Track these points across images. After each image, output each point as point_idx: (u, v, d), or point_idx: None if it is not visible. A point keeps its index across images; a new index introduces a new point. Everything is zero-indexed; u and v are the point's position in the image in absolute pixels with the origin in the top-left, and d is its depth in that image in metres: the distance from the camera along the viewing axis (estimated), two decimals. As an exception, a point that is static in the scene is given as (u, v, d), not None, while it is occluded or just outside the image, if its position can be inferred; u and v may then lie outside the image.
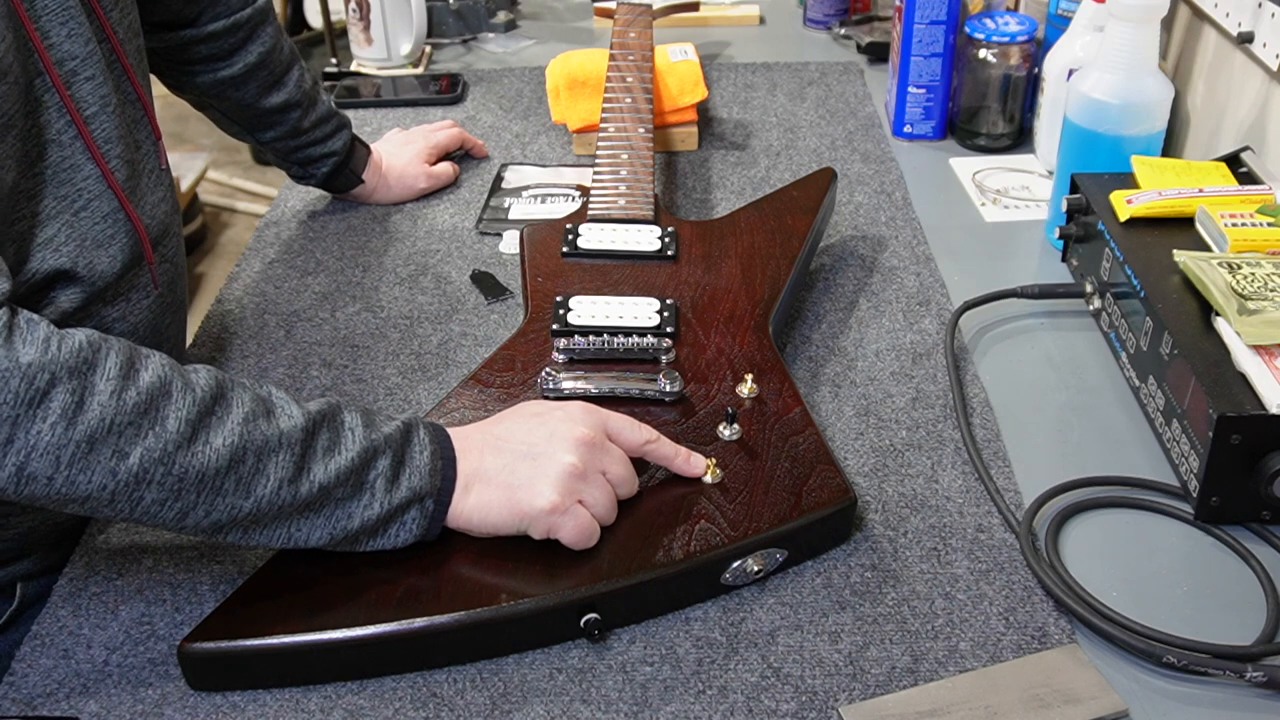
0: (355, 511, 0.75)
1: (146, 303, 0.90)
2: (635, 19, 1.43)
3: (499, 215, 1.26)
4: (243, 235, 3.10)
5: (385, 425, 0.77)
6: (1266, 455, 0.82)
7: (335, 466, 0.74)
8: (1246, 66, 1.14)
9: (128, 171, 0.86)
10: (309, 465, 0.73)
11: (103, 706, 0.74)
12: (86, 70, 0.83)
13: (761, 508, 0.81)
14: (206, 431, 0.70)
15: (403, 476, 0.76)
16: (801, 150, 1.38)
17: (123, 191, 0.85)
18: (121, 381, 0.69)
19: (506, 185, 1.32)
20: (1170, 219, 1.02)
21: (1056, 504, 0.87)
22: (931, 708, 0.72)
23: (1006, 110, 1.36)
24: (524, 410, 0.82)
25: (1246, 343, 0.85)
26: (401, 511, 0.76)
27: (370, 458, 0.75)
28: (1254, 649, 0.75)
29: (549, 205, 1.27)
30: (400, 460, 0.76)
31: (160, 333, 0.93)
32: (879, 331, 1.06)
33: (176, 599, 0.81)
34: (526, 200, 1.28)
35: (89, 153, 0.82)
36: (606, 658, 0.77)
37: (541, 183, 1.32)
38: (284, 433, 0.73)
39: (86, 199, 0.83)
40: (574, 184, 1.31)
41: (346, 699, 0.74)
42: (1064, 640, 0.77)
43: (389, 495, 0.75)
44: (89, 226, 0.83)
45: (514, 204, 1.28)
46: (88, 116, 0.83)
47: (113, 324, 0.87)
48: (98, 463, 0.68)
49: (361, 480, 0.75)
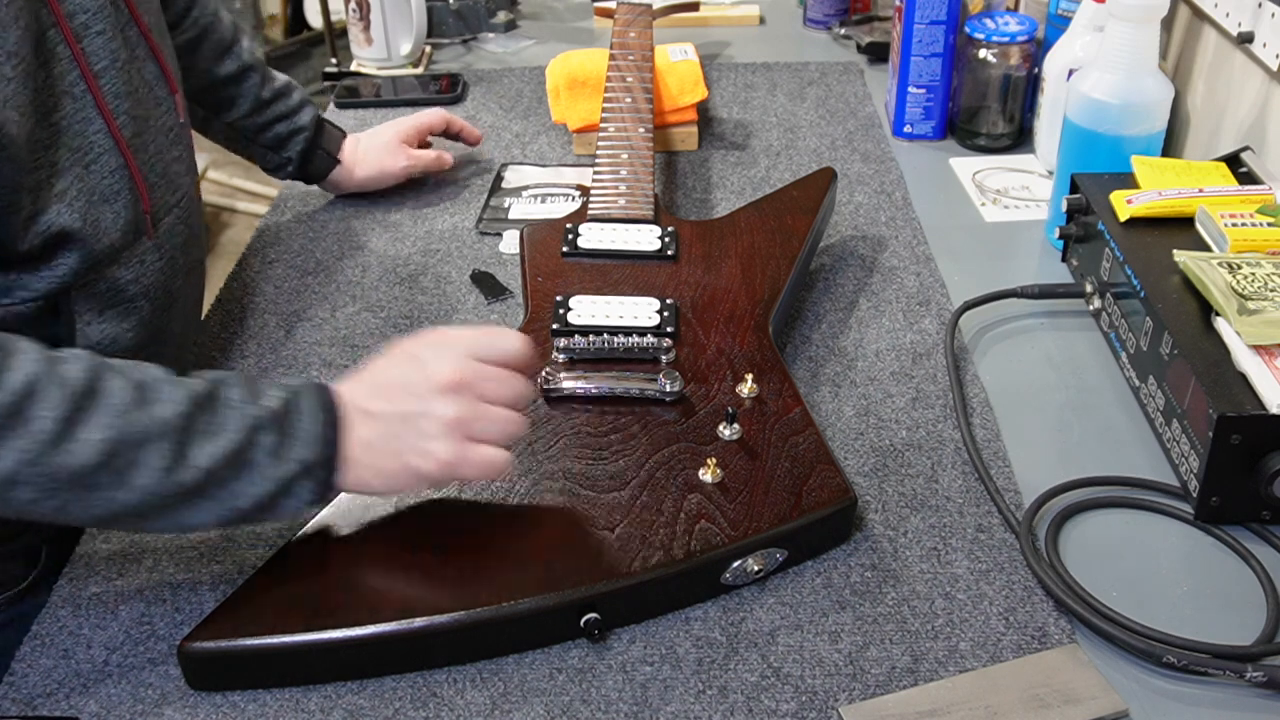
0: (243, 491, 0.72)
1: (159, 264, 0.91)
2: (635, 19, 1.43)
3: (499, 215, 1.26)
4: (243, 235, 3.10)
5: (269, 398, 0.74)
6: (1266, 455, 0.82)
7: (216, 449, 0.71)
8: (1246, 66, 1.14)
9: (135, 128, 0.87)
10: (189, 451, 0.70)
11: (103, 706, 0.74)
12: (97, 25, 0.84)
13: (761, 508, 0.81)
14: (77, 427, 0.68)
15: (288, 450, 0.73)
16: (801, 150, 1.38)
17: (128, 148, 0.86)
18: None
19: (506, 185, 1.32)
20: (1170, 219, 1.02)
21: (1056, 504, 0.87)
22: (931, 708, 0.72)
23: (1006, 110, 1.36)
24: (399, 353, 0.79)
25: (1246, 343, 0.85)
26: (292, 484, 0.73)
27: (253, 435, 0.72)
28: (1254, 649, 0.75)
29: (549, 205, 1.27)
30: (285, 433, 0.73)
31: (173, 295, 0.94)
32: (879, 331, 1.06)
33: (176, 599, 0.81)
34: (526, 200, 1.28)
35: (97, 107, 0.84)
36: (606, 658, 0.77)
37: (541, 182, 1.32)
38: (161, 421, 0.70)
39: (96, 153, 0.84)
40: (574, 184, 1.31)
41: (346, 699, 0.74)
42: (1064, 640, 0.77)
43: (276, 470, 0.73)
44: (97, 180, 0.84)
45: (514, 204, 1.28)
46: (98, 71, 0.84)
47: (125, 286, 0.88)
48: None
49: (246, 459, 0.72)
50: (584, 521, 0.80)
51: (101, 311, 0.87)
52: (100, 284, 0.86)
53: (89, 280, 0.85)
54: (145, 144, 0.89)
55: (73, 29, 0.82)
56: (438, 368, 0.77)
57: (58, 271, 0.83)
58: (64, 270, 0.83)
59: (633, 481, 0.83)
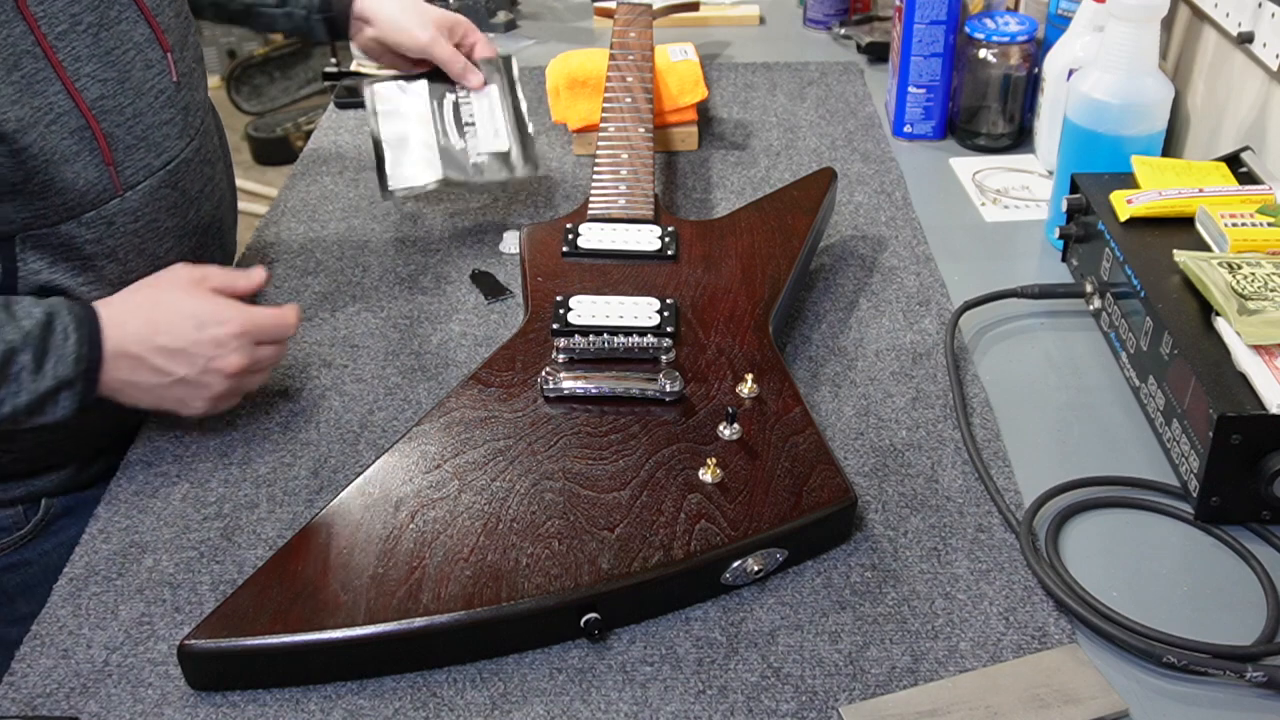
0: (4, 399, 0.81)
1: (133, 226, 0.93)
2: (635, 19, 1.43)
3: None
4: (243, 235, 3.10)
5: (26, 318, 0.82)
6: (1266, 455, 0.82)
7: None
8: (1246, 66, 1.14)
9: (102, 90, 0.89)
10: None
11: (103, 706, 0.74)
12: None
13: (761, 507, 0.81)
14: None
15: (47, 366, 0.82)
16: (801, 150, 1.38)
17: (89, 110, 0.88)
18: None
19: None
20: (1170, 219, 1.02)
21: (1056, 504, 0.87)
22: (931, 708, 0.72)
23: (1006, 110, 1.36)
24: (183, 312, 0.87)
25: (1246, 343, 0.85)
26: (52, 395, 0.83)
27: (10, 356, 0.81)
28: (1254, 649, 0.75)
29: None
30: (43, 351, 0.82)
31: (155, 258, 0.96)
32: (879, 331, 1.06)
33: (176, 599, 0.81)
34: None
35: (54, 69, 0.86)
36: (606, 658, 0.77)
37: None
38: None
39: (56, 113, 0.86)
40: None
41: (346, 699, 0.74)
42: (1064, 640, 0.77)
43: (35, 384, 0.82)
44: (57, 140, 0.86)
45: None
46: (58, 34, 0.86)
47: (83, 245, 0.90)
48: None
49: (4, 375, 0.81)
50: (584, 521, 0.80)
51: (53, 263, 0.89)
52: (52, 238, 0.88)
53: (37, 232, 0.88)
54: (120, 106, 0.91)
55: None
56: (225, 361, 0.87)
57: (19, 228, 0.86)
58: (19, 226, 0.86)
59: (633, 481, 0.83)
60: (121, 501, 0.90)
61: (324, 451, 0.94)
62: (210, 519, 0.88)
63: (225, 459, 0.94)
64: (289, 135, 3.26)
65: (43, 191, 0.85)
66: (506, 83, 1.20)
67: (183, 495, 0.90)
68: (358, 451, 0.94)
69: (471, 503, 0.82)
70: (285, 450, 0.94)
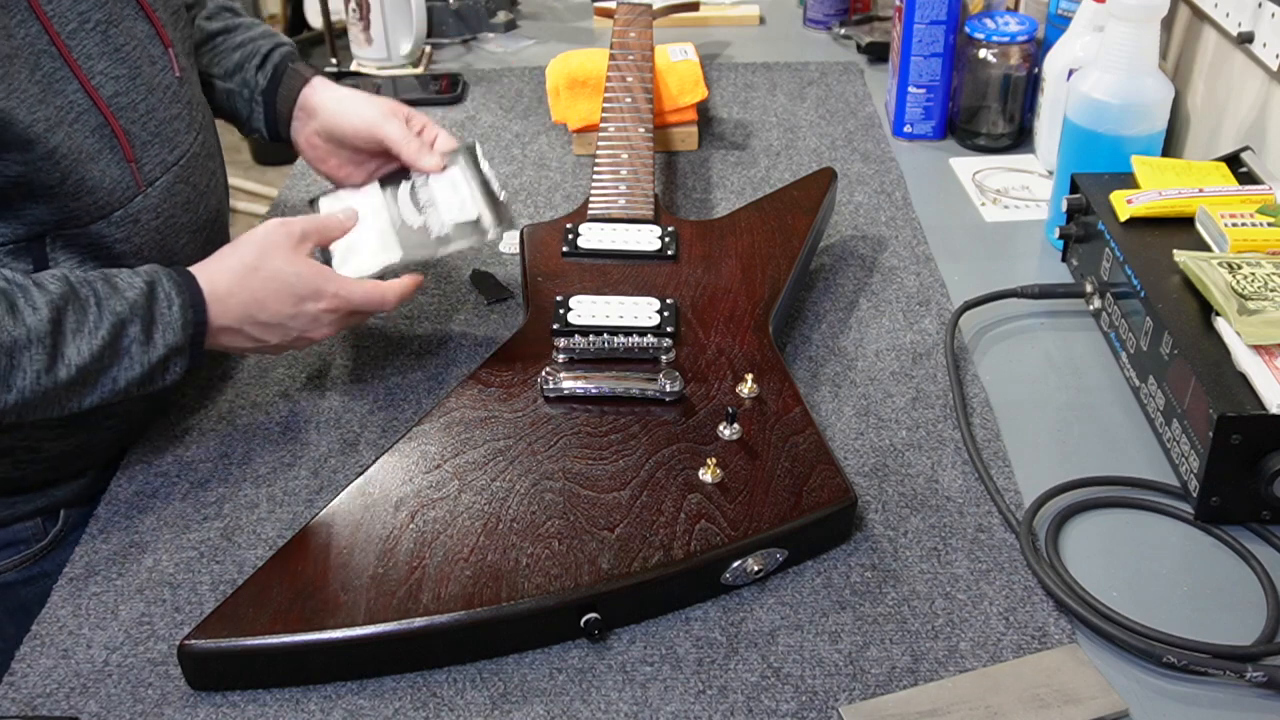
0: (119, 375, 0.82)
1: (155, 224, 0.93)
2: (635, 19, 1.43)
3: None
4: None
5: (129, 289, 0.82)
6: (1266, 455, 0.82)
7: (88, 347, 0.80)
8: (1246, 66, 1.14)
9: (117, 87, 0.89)
10: (62, 351, 0.79)
11: (103, 706, 0.74)
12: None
13: (761, 507, 0.81)
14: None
15: (156, 335, 0.82)
16: (801, 150, 1.38)
17: (107, 107, 0.87)
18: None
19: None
20: (1170, 219, 1.02)
21: (1056, 504, 0.87)
22: (931, 708, 0.72)
23: (1006, 110, 1.36)
24: (283, 292, 0.88)
25: (1246, 343, 0.85)
26: (163, 364, 0.83)
27: (120, 328, 0.81)
28: (1254, 649, 0.75)
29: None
30: (151, 320, 0.82)
31: (174, 254, 0.95)
32: (879, 331, 1.06)
33: (176, 599, 0.81)
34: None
35: (69, 67, 0.85)
36: (606, 658, 0.77)
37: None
38: (30, 329, 0.77)
39: (77, 112, 0.86)
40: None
41: (346, 699, 0.74)
42: (1064, 640, 0.77)
43: (146, 355, 0.82)
44: (82, 139, 0.86)
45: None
46: (69, 32, 0.86)
47: (113, 244, 0.90)
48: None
49: (117, 349, 0.81)
50: (584, 521, 0.80)
51: (82, 263, 0.89)
52: (82, 238, 0.88)
53: (68, 233, 0.87)
54: (134, 103, 0.90)
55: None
56: (317, 332, 0.90)
57: (23, 220, 0.85)
58: (30, 219, 0.85)
59: (633, 481, 0.83)
60: (121, 501, 0.90)
61: (324, 451, 0.94)
62: (210, 519, 0.88)
63: (225, 459, 0.94)
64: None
65: (75, 192, 0.85)
66: (471, 165, 1.03)
67: (183, 495, 0.90)
68: (358, 451, 0.94)
69: (471, 503, 0.82)
70: (285, 450, 0.94)
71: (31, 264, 0.86)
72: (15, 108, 0.80)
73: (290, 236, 0.89)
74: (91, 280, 0.81)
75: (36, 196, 0.84)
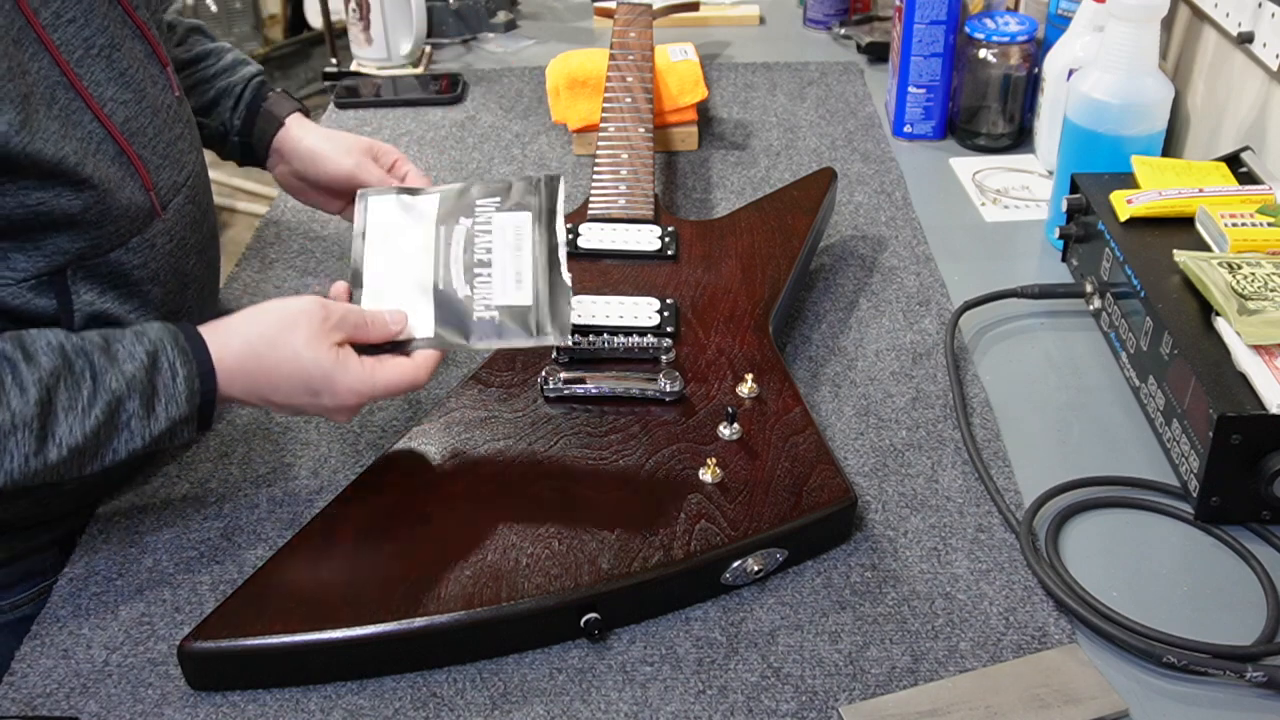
0: (119, 447, 0.76)
1: (169, 247, 0.91)
2: (635, 19, 1.43)
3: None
4: (243, 235, 3.10)
5: (129, 360, 0.76)
6: (1266, 455, 0.82)
7: (81, 427, 0.74)
8: (1246, 66, 1.14)
9: (127, 113, 0.87)
10: (52, 431, 0.73)
11: (103, 706, 0.74)
12: (68, 13, 0.84)
13: (761, 507, 0.81)
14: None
15: (158, 407, 0.77)
16: (801, 150, 1.38)
17: (120, 133, 0.86)
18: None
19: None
20: (1170, 219, 1.02)
21: (1056, 504, 0.87)
22: (931, 708, 0.72)
23: (1006, 110, 1.36)
24: (299, 380, 0.80)
25: (1246, 343, 0.85)
26: (168, 433, 0.78)
27: (117, 405, 0.75)
28: (1254, 649, 0.75)
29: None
30: (151, 393, 0.76)
31: (185, 276, 0.94)
32: (879, 331, 1.06)
33: (176, 599, 0.81)
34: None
35: (81, 97, 0.83)
36: (606, 658, 0.77)
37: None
38: (15, 413, 0.72)
39: (96, 142, 0.84)
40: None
41: (346, 699, 0.74)
42: (1064, 640, 0.77)
43: (147, 428, 0.77)
44: (106, 169, 0.84)
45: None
46: (76, 60, 0.84)
47: (131, 271, 0.88)
48: None
49: (114, 424, 0.75)
50: (584, 521, 0.80)
51: (103, 292, 0.87)
52: (102, 267, 0.86)
53: (90, 263, 0.86)
54: (143, 127, 0.89)
55: (43, 20, 0.81)
56: (335, 417, 0.84)
57: (45, 251, 0.83)
58: (52, 250, 0.83)
59: (633, 481, 0.83)
60: (121, 501, 0.90)
61: (324, 451, 0.94)
62: (210, 519, 0.88)
63: (225, 459, 0.94)
64: (289, 135, 3.25)
65: (98, 221, 0.84)
66: (544, 211, 0.89)
67: (183, 495, 0.90)
68: (358, 451, 0.94)
69: (472, 503, 0.82)
70: (285, 450, 0.94)
71: (54, 298, 0.84)
72: (41, 147, 0.78)
73: (321, 320, 0.80)
74: (89, 350, 0.76)
75: (59, 227, 0.82)
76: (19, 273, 0.83)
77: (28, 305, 0.83)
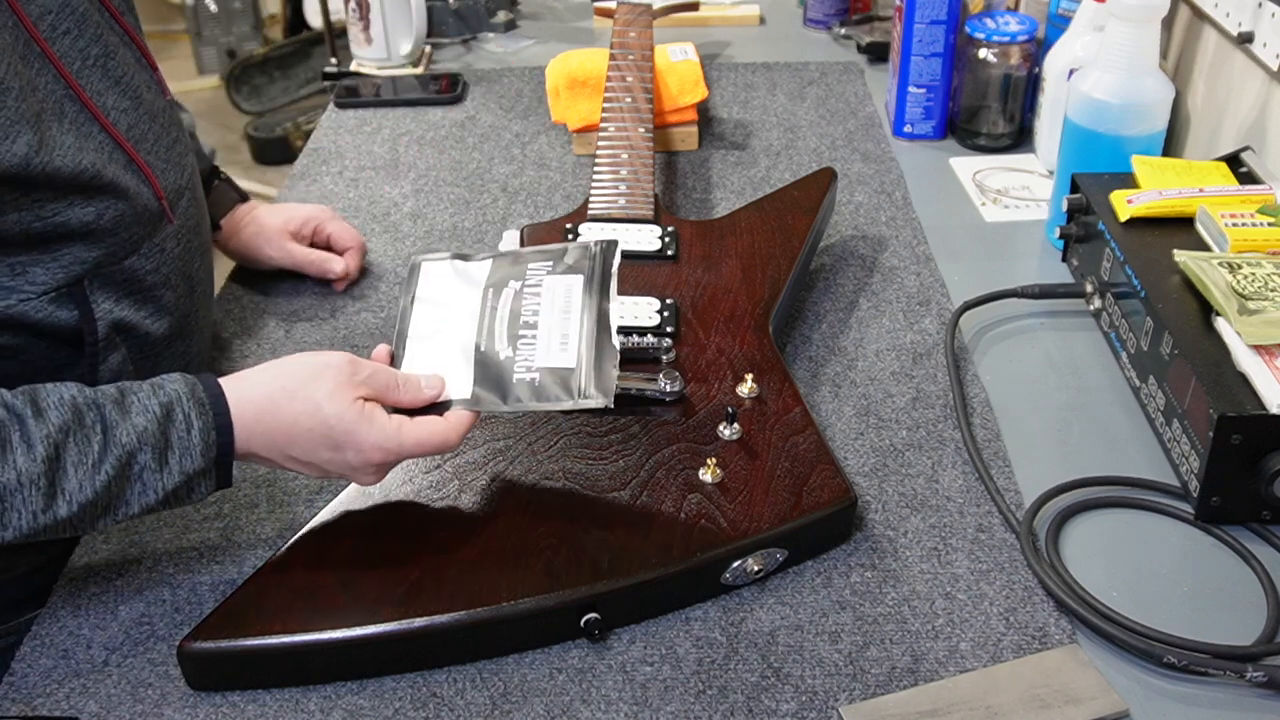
0: (132, 501, 0.73)
1: (178, 250, 0.91)
2: (635, 19, 1.43)
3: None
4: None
5: (142, 413, 0.73)
6: (1266, 455, 0.82)
7: (92, 484, 0.71)
8: (1246, 66, 1.14)
9: (129, 120, 0.87)
10: (61, 487, 0.70)
11: (103, 706, 0.74)
12: (63, 24, 0.83)
13: (761, 508, 0.81)
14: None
15: (171, 461, 0.73)
16: (801, 150, 1.38)
17: (126, 140, 0.86)
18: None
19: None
20: (1170, 219, 1.02)
21: (1056, 504, 0.87)
22: (931, 708, 0.72)
23: (1007, 110, 1.36)
24: (319, 436, 0.75)
25: (1247, 343, 0.85)
26: (184, 488, 0.74)
27: (128, 459, 0.72)
28: (1254, 649, 0.75)
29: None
30: (165, 446, 0.73)
31: (192, 278, 0.94)
32: (879, 331, 1.06)
33: (176, 599, 0.81)
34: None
35: (87, 109, 0.83)
36: (606, 658, 0.77)
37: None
38: (21, 471, 0.69)
39: (108, 151, 0.83)
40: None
41: (346, 699, 0.74)
42: (1064, 640, 0.77)
43: (161, 482, 0.73)
44: (121, 177, 0.84)
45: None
46: (76, 71, 0.83)
47: (144, 276, 0.87)
48: None
49: (126, 478, 0.72)
50: (584, 521, 0.80)
51: (119, 299, 0.87)
52: (118, 274, 0.86)
53: (105, 271, 0.85)
54: (144, 133, 0.89)
55: (42, 32, 0.81)
56: (358, 477, 0.78)
57: (62, 262, 0.82)
58: (69, 260, 0.83)
59: (633, 481, 0.83)
60: (121, 501, 0.90)
61: (324, 451, 0.94)
62: (210, 519, 0.88)
63: (225, 459, 0.93)
64: (289, 135, 3.26)
65: (114, 228, 0.83)
66: (598, 275, 0.85)
67: (183, 495, 0.90)
68: (358, 451, 0.94)
69: (471, 503, 0.82)
70: (285, 450, 0.94)
71: (75, 308, 0.84)
72: (60, 164, 0.78)
73: (350, 375, 0.76)
74: (102, 404, 0.73)
75: (76, 237, 0.82)
76: (39, 285, 0.82)
77: (50, 318, 0.83)
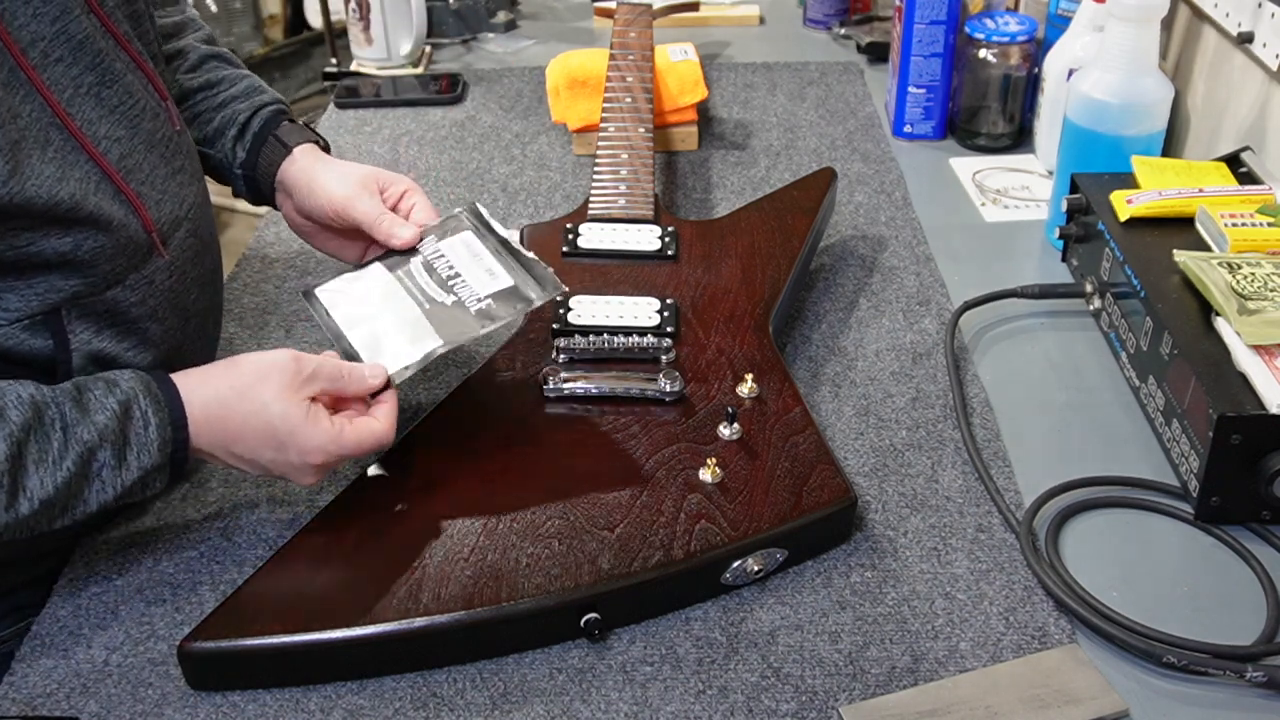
0: (90, 498, 0.75)
1: (169, 283, 0.88)
2: (635, 19, 1.43)
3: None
4: (243, 235, 3.10)
5: (100, 410, 0.75)
6: (1266, 455, 0.82)
7: (53, 479, 0.73)
8: (1246, 66, 1.14)
9: (121, 150, 0.84)
10: (23, 484, 0.72)
11: (103, 706, 0.74)
12: (56, 51, 0.81)
13: (761, 507, 0.81)
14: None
15: (130, 457, 0.75)
16: (801, 150, 1.38)
17: (115, 171, 0.83)
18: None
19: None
20: (1170, 219, 1.02)
21: (1056, 504, 0.87)
22: (931, 708, 0.72)
23: (1006, 110, 1.36)
24: (264, 434, 0.78)
25: (1246, 343, 0.85)
26: (140, 483, 0.76)
27: (89, 456, 0.74)
28: (1254, 649, 0.75)
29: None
30: (123, 443, 0.75)
31: (185, 310, 0.92)
32: (879, 331, 1.06)
33: (176, 599, 0.81)
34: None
35: (74, 138, 0.81)
36: (606, 658, 0.77)
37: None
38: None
39: (94, 182, 0.81)
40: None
41: (346, 699, 0.74)
42: (1064, 640, 0.77)
43: (119, 478, 0.75)
44: (106, 208, 0.82)
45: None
46: (66, 99, 0.81)
47: (128, 309, 0.85)
48: None
49: (86, 475, 0.74)
50: (584, 521, 0.80)
51: (99, 330, 0.85)
52: (98, 305, 0.84)
53: (85, 301, 0.83)
54: (139, 163, 0.86)
55: (32, 60, 0.79)
56: (300, 478, 0.81)
57: (37, 290, 0.81)
58: (44, 289, 0.81)
59: (633, 481, 0.83)
60: (121, 501, 0.90)
61: (324, 451, 0.94)
62: (210, 519, 0.88)
63: (225, 459, 0.93)
64: (289, 135, 3.25)
65: (93, 260, 0.81)
66: (478, 226, 0.94)
67: (183, 495, 0.90)
68: (358, 451, 0.94)
69: (471, 503, 0.82)
70: (285, 450, 0.94)
71: (50, 337, 0.82)
72: (33, 194, 0.76)
73: (294, 374, 0.79)
74: (60, 401, 0.74)
75: (51, 267, 0.80)
76: (11, 313, 0.80)
77: (21, 346, 0.81)
